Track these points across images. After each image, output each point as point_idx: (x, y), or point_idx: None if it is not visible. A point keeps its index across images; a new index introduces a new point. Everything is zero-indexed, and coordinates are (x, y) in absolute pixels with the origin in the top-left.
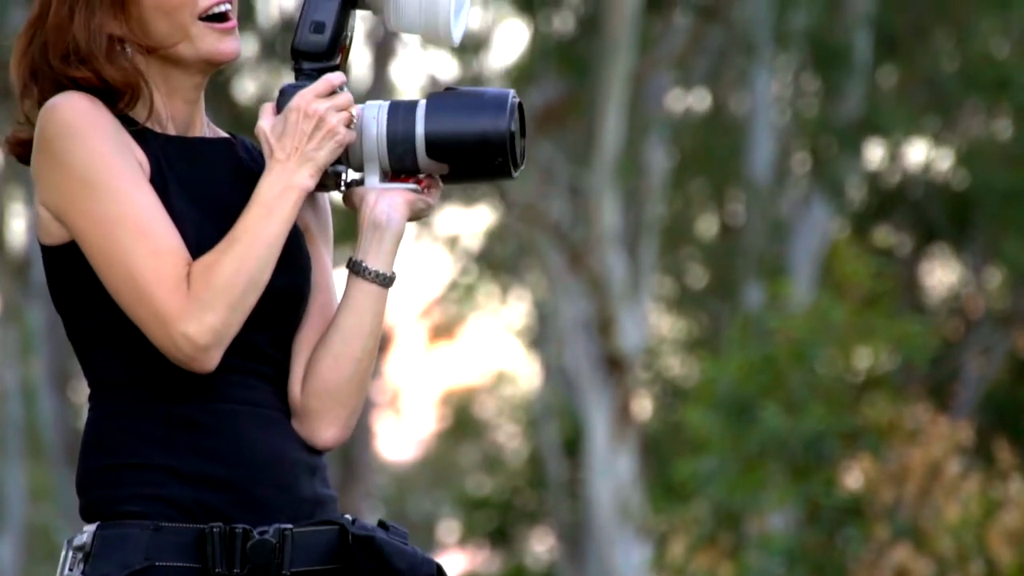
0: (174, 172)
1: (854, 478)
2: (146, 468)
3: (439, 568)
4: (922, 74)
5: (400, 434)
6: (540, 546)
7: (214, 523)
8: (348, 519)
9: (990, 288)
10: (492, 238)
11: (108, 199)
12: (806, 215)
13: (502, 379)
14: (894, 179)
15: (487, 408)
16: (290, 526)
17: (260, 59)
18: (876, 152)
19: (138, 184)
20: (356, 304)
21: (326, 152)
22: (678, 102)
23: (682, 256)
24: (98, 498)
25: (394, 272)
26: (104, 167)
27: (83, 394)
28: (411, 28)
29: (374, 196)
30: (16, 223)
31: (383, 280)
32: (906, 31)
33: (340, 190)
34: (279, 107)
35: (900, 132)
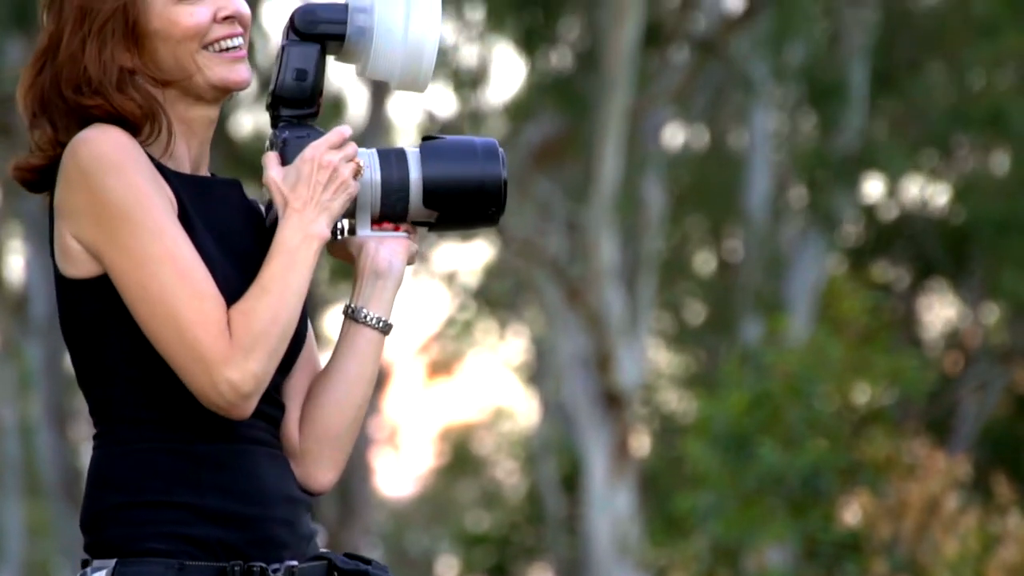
0: (197, 212)
1: (852, 513)
2: (170, 506)
3: None
4: (918, 109)
5: (398, 470)
6: None
7: (234, 561)
8: (334, 554)
9: (988, 323)
10: (490, 274)
11: (150, 237)
12: (803, 250)
13: (500, 415)
14: (891, 214)
15: (485, 444)
16: (295, 563)
17: (258, 96)
18: (873, 187)
19: (175, 223)
20: (358, 351)
21: (339, 203)
22: (675, 138)
23: (680, 292)
24: (117, 535)
25: (392, 320)
26: (145, 204)
27: (81, 431)
28: (388, 75)
29: (374, 244)
30: (14, 260)
31: (385, 327)
32: (902, 66)
33: (337, 239)
34: (285, 157)
35: (896, 167)
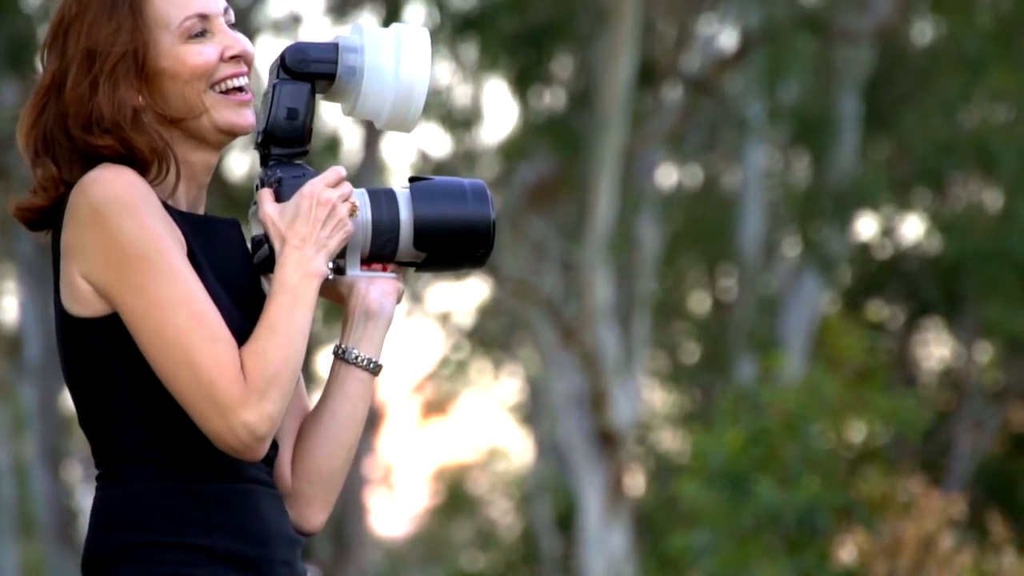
0: (201, 252)
1: (848, 551)
2: (180, 547)
3: None
4: (910, 147)
5: (393, 510)
6: None
7: None
8: None
9: (982, 362)
10: (484, 314)
11: (164, 280)
12: (797, 289)
13: (495, 455)
14: (885, 253)
15: (480, 484)
16: None
17: (252, 137)
18: (866, 226)
19: (188, 265)
20: (350, 392)
21: (336, 241)
22: (669, 177)
23: (674, 331)
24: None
25: (382, 360)
26: (160, 246)
27: (75, 473)
28: (377, 115)
29: (364, 285)
30: (8, 301)
31: (375, 368)
32: (894, 105)
33: (328, 278)
34: (280, 195)
35: (890, 205)
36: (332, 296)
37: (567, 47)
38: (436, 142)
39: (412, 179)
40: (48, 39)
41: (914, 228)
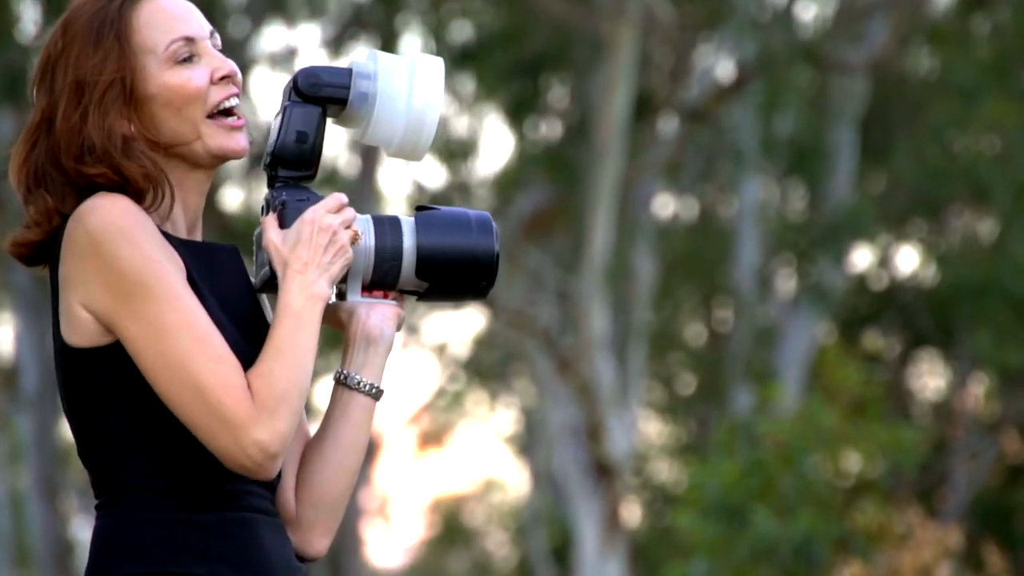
0: (201, 278)
1: None
2: None
3: None
4: (905, 178)
5: (389, 542)
6: None
7: None
8: None
9: (978, 393)
10: (480, 345)
11: (166, 305)
12: (793, 320)
13: (491, 486)
14: (880, 284)
15: (476, 515)
16: None
17: (249, 169)
18: (862, 257)
19: (188, 290)
20: (352, 417)
21: (338, 267)
22: (666, 208)
23: (670, 362)
24: None
25: (383, 386)
26: (159, 272)
27: (71, 503)
28: (388, 142)
29: (365, 310)
30: (4, 332)
31: (377, 394)
32: (890, 135)
33: (330, 302)
34: (283, 219)
35: (885, 236)
36: (332, 322)
37: (563, 78)
38: (432, 173)
39: (419, 208)
40: (36, 76)
41: (909, 259)
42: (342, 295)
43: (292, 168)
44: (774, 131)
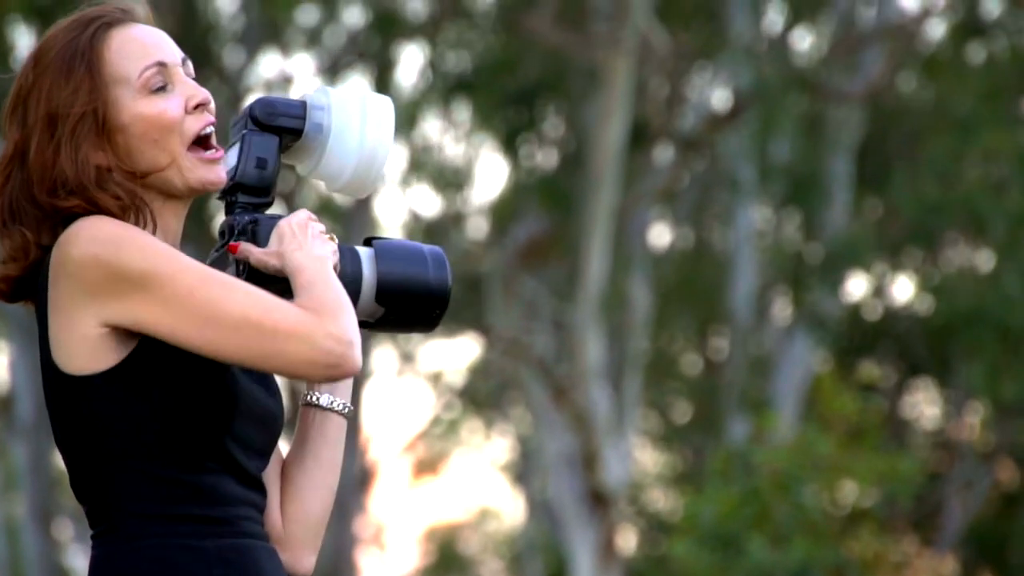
0: None
1: None
2: None
3: None
4: (902, 208)
5: (384, 570)
6: None
7: None
8: None
9: (973, 422)
10: (475, 373)
11: (179, 275)
12: (789, 349)
13: (486, 515)
14: (876, 313)
15: (471, 544)
16: None
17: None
18: (858, 286)
19: (192, 259)
20: (330, 438)
21: (329, 249)
22: (661, 237)
23: (666, 391)
24: None
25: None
26: (164, 253)
27: (66, 531)
28: (338, 175)
29: None
30: None
31: (350, 413)
32: (886, 165)
33: None
34: (256, 235)
35: (879, 265)
36: None
37: (559, 107)
38: (427, 202)
39: (369, 239)
40: (8, 110)
41: (905, 289)
42: None
43: (252, 194)
44: (770, 160)
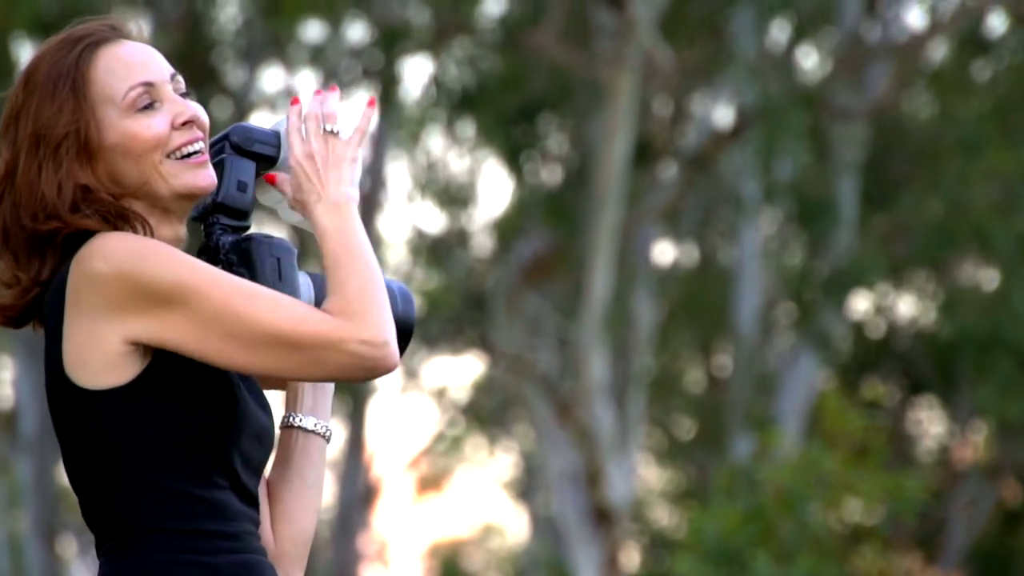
0: None
1: None
2: None
3: None
4: (907, 226)
5: None
6: None
7: None
8: None
9: (977, 441)
10: (479, 390)
11: (209, 289)
12: (793, 367)
13: (490, 531)
14: (880, 331)
15: (475, 560)
16: None
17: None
18: (863, 304)
19: (215, 268)
20: (315, 459)
21: (348, 180)
22: (665, 254)
23: (670, 407)
24: None
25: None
26: (189, 267)
27: (70, 547)
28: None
29: None
30: (3, 375)
31: (330, 435)
32: (891, 182)
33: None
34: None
35: (885, 283)
36: None
37: (563, 123)
38: (432, 218)
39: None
40: (2, 129)
41: (910, 307)
42: None
43: (233, 216)
44: (774, 177)
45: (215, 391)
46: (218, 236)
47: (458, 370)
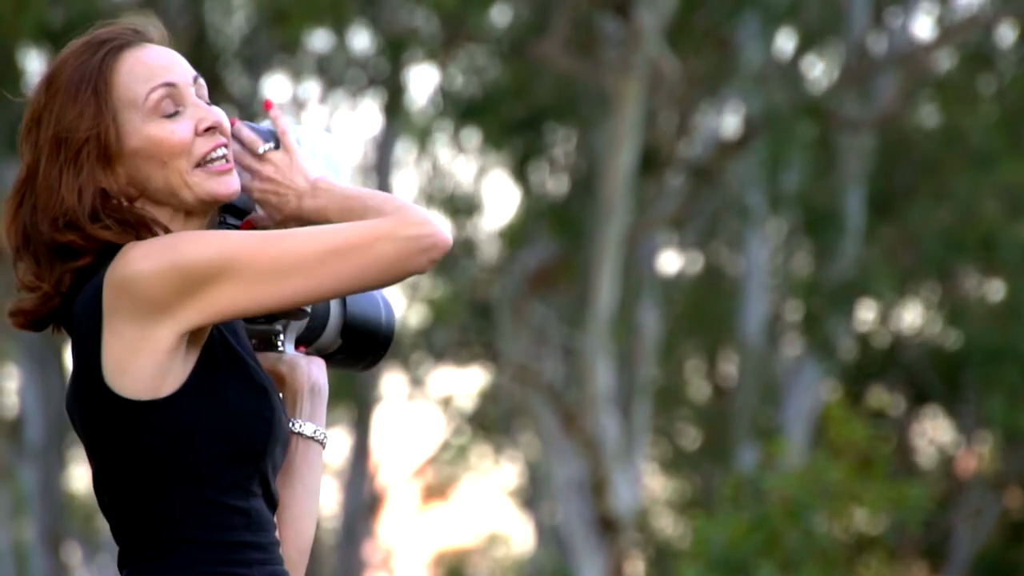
0: (237, 342)
1: None
2: None
3: None
4: (913, 236)
5: None
6: None
7: None
8: None
9: (982, 451)
10: (485, 399)
11: (245, 242)
12: (799, 376)
13: (495, 540)
14: (886, 341)
15: (480, 569)
16: None
17: None
18: (869, 314)
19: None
20: (315, 465)
21: (310, 169)
22: (671, 264)
23: (675, 417)
24: None
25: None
26: (218, 234)
27: (75, 555)
28: None
29: (306, 363)
30: (9, 383)
31: (326, 441)
32: (897, 194)
33: (278, 351)
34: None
35: (891, 294)
36: (271, 373)
37: (569, 133)
38: None
39: None
40: (24, 130)
41: (916, 317)
42: (272, 346)
43: (238, 216)
44: (780, 187)
45: (255, 400)
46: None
47: (464, 379)
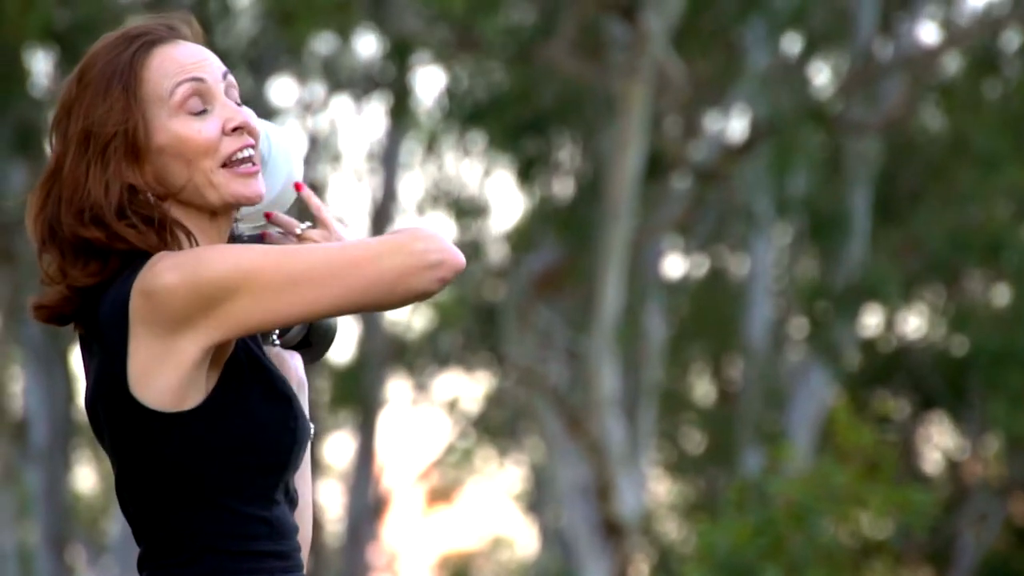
0: (259, 348)
1: None
2: None
3: None
4: (919, 241)
5: None
6: None
7: None
8: None
9: (987, 456)
10: (490, 402)
11: (264, 256)
12: (804, 381)
13: (500, 544)
14: (891, 345)
15: (485, 573)
16: None
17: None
18: (875, 318)
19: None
20: (307, 459)
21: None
22: (676, 267)
23: (680, 421)
24: None
25: None
26: (238, 248)
27: (80, 558)
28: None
29: (288, 357)
30: (14, 385)
31: (314, 435)
32: (903, 197)
33: (273, 345)
34: None
35: (897, 298)
36: None
37: (575, 136)
38: (443, 230)
39: None
40: (54, 121)
41: (922, 322)
42: (266, 340)
43: (248, 220)
44: (786, 191)
45: (280, 410)
46: (239, 231)
47: (469, 382)
